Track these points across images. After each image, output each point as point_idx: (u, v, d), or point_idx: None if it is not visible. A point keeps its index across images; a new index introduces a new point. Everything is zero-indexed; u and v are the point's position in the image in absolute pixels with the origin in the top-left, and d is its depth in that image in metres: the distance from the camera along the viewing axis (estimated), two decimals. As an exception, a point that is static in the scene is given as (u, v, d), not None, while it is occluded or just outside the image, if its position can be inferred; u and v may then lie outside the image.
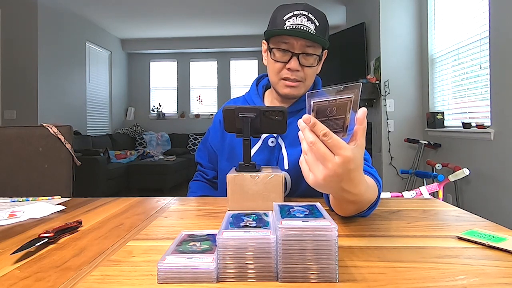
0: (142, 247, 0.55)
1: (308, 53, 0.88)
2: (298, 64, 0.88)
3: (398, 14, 3.56)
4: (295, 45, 0.87)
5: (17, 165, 1.29)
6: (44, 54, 4.51)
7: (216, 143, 1.07)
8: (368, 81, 3.65)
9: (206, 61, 7.02)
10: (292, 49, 0.88)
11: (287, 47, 0.88)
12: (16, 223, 0.71)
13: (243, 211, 0.53)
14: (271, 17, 0.93)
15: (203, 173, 1.12)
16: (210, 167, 1.11)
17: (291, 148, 0.94)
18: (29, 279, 0.44)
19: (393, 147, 3.54)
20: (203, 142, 1.14)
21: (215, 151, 1.07)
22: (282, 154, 0.94)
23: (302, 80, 0.92)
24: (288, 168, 0.92)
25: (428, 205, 0.82)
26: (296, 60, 0.88)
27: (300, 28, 0.85)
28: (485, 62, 2.52)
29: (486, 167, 2.52)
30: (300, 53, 0.88)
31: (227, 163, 1.01)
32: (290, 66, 0.88)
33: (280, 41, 0.88)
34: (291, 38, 0.87)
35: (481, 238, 0.54)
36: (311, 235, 0.41)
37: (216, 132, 1.08)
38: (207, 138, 1.11)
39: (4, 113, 4.34)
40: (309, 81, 0.95)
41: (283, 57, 0.89)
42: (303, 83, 0.93)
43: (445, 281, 0.41)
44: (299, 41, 0.87)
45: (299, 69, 0.89)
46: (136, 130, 6.54)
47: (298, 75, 0.90)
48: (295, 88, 0.92)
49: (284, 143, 0.94)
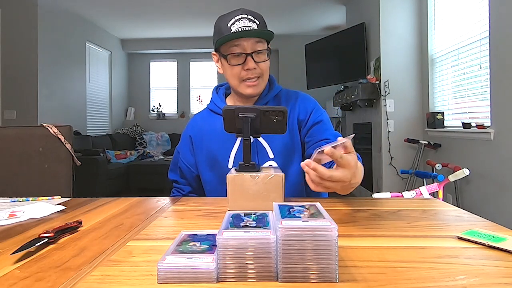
0: (142, 247, 0.55)
1: (259, 50, 0.96)
2: (254, 63, 0.95)
3: (398, 14, 3.56)
4: (246, 45, 0.94)
5: (17, 165, 1.29)
6: (44, 54, 4.51)
7: (189, 159, 1.09)
8: (368, 81, 3.65)
9: (206, 61, 7.01)
10: (244, 50, 0.95)
11: (239, 50, 0.95)
12: (16, 223, 0.71)
13: (243, 211, 0.53)
14: (214, 29, 1.00)
15: (179, 189, 1.13)
16: (184, 182, 1.12)
17: (268, 139, 1.00)
18: (29, 279, 0.44)
19: (393, 147, 3.54)
20: (173, 163, 1.16)
21: (189, 169, 1.09)
22: (262, 145, 1.00)
23: (260, 75, 0.99)
24: (274, 156, 0.99)
25: (428, 205, 0.82)
26: (251, 59, 0.95)
27: (246, 29, 0.94)
28: (485, 62, 2.52)
29: (486, 167, 2.52)
30: (252, 52, 0.95)
31: (210, 173, 1.04)
32: (248, 66, 0.95)
33: (231, 45, 0.95)
34: (241, 40, 0.94)
35: (481, 238, 0.54)
36: (311, 235, 0.41)
37: (186, 150, 1.10)
38: (178, 159, 1.13)
39: (4, 113, 4.34)
40: (266, 75, 1.02)
41: (239, 60, 0.96)
42: (261, 79, 1.00)
43: (445, 281, 0.41)
44: (249, 41, 0.94)
45: (256, 67, 0.96)
46: (136, 130, 6.54)
47: (256, 72, 0.98)
48: (256, 86, 0.99)
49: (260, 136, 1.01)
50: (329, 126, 1.03)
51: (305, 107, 1.04)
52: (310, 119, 1.02)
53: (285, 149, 1.00)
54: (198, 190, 1.12)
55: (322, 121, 1.02)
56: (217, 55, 1.03)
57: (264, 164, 0.99)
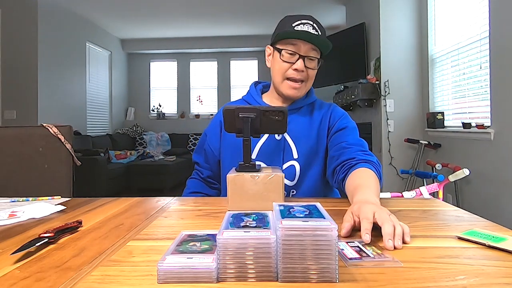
0: (142, 247, 0.55)
1: (312, 56, 0.99)
2: (303, 65, 0.98)
3: (398, 14, 3.56)
4: (302, 48, 0.97)
5: (17, 165, 1.29)
6: (44, 54, 4.51)
7: (215, 144, 1.11)
8: (368, 81, 3.65)
9: (206, 61, 7.01)
10: (298, 51, 0.98)
11: (294, 49, 0.98)
12: (16, 223, 0.71)
13: (243, 211, 0.53)
14: (278, 25, 1.04)
15: (199, 171, 1.16)
16: (206, 167, 1.14)
17: (296, 140, 1.03)
18: (29, 279, 0.44)
19: (393, 147, 3.54)
20: (199, 145, 1.18)
21: (213, 152, 1.11)
22: (289, 145, 1.02)
23: (304, 80, 1.02)
24: (298, 157, 1.02)
25: (428, 205, 0.82)
26: (302, 62, 0.98)
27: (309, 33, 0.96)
28: (485, 62, 2.52)
29: (486, 167, 2.52)
30: (306, 55, 0.98)
31: (231, 161, 1.05)
32: (297, 66, 0.98)
33: (289, 43, 0.98)
34: (299, 41, 0.97)
35: (481, 238, 0.54)
36: (311, 235, 0.41)
37: (214, 134, 1.12)
38: (204, 141, 1.15)
39: (4, 113, 4.34)
40: (309, 83, 1.05)
41: (291, 58, 0.98)
42: (304, 84, 1.02)
43: (445, 281, 0.41)
44: (306, 45, 0.97)
45: (304, 70, 0.99)
46: (136, 130, 6.54)
47: (302, 75, 1.00)
48: (298, 90, 1.02)
49: (289, 135, 1.03)
50: (353, 132, 1.04)
51: (336, 114, 1.08)
52: (336, 124, 1.06)
53: (310, 152, 1.03)
54: (217, 177, 1.14)
55: (347, 127, 1.04)
56: (271, 49, 1.05)
57: (286, 163, 1.02)
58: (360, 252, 0.50)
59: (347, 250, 0.51)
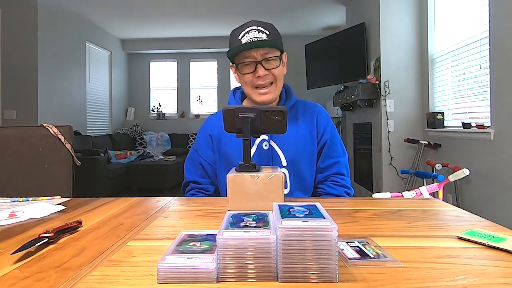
0: (142, 247, 0.55)
1: (268, 58, 1.00)
2: (263, 70, 1.00)
3: (398, 14, 3.56)
4: (256, 55, 0.99)
5: (17, 165, 1.29)
6: (44, 54, 4.51)
7: (211, 156, 1.10)
8: (368, 81, 3.65)
9: (206, 61, 7.01)
10: (255, 59, 1.00)
11: (249, 59, 1.00)
12: (16, 223, 0.71)
13: (243, 211, 0.53)
14: (229, 42, 1.06)
15: (202, 189, 1.11)
16: (207, 182, 1.11)
17: (283, 147, 1.04)
18: (29, 279, 0.43)
19: (393, 147, 3.54)
20: (191, 164, 1.14)
21: (211, 164, 1.10)
22: (277, 153, 1.04)
23: (273, 81, 1.03)
24: (286, 164, 1.03)
25: (428, 205, 0.82)
26: (261, 67, 1.00)
27: (254, 40, 0.98)
28: (485, 62, 2.52)
29: (486, 167, 2.52)
30: (262, 59, 0.99)
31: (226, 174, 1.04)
32: (258, 74, 1.00)
33: (243, 56, 1.00)
34: (250, 51, 0.99)
35: (481, 238, 0.54)
36: (311, 235, 0.41)
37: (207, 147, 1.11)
38: (197, 158, 1.12)
39: (4, 113, 4.34)
40: (279, 82, 1.06)
41: (250, 68, 1.01)
42: (274, 85, 1.04)
43: (445, 281, 0.41)
44: (258, 51, 0.99)
45: (267, 73, 1.01)
46: (136, 130, 6.54)
47: (268, 78, 1.02)
48: (268, 94, 1.03)
49: (275, 144, 1.04)
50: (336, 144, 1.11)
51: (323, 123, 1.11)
52: (323, 136, 1.09)
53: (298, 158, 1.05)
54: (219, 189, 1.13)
55: (331, 138, 1.10)
56: (234, 67, 1.08)
57: None
58: (360, 252, 0.50)
59: (347, 250, 0.51)
